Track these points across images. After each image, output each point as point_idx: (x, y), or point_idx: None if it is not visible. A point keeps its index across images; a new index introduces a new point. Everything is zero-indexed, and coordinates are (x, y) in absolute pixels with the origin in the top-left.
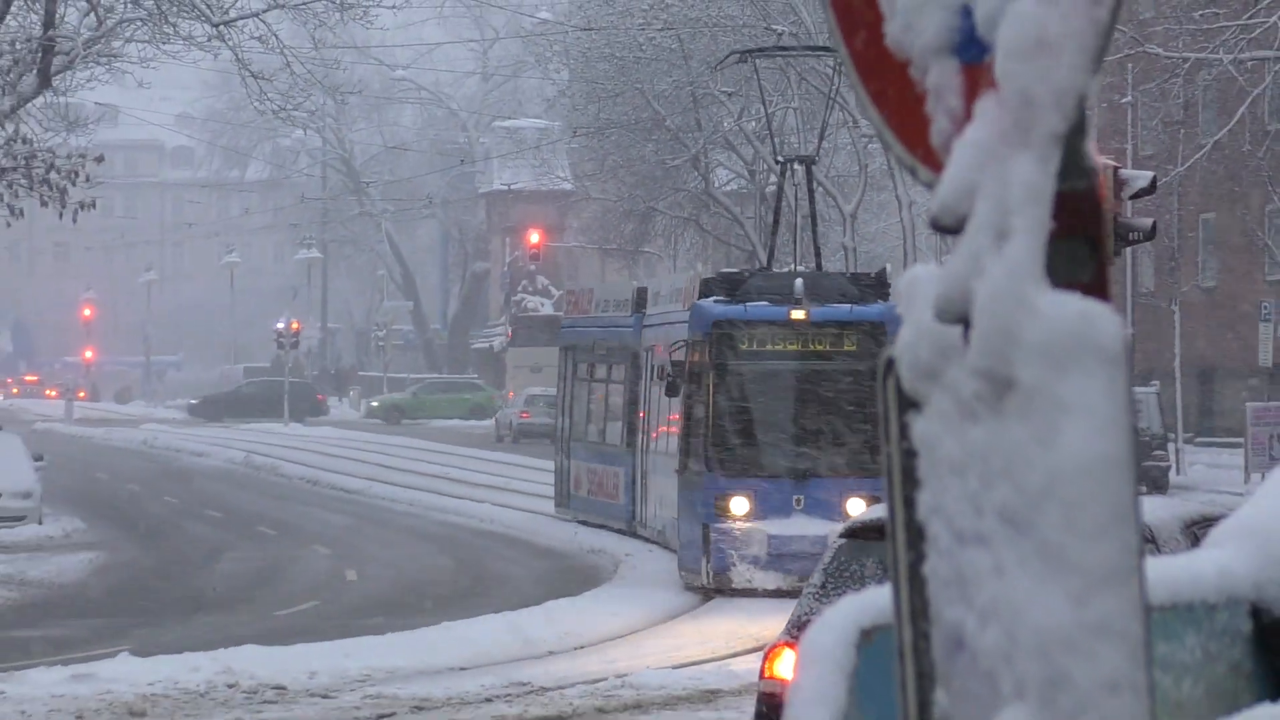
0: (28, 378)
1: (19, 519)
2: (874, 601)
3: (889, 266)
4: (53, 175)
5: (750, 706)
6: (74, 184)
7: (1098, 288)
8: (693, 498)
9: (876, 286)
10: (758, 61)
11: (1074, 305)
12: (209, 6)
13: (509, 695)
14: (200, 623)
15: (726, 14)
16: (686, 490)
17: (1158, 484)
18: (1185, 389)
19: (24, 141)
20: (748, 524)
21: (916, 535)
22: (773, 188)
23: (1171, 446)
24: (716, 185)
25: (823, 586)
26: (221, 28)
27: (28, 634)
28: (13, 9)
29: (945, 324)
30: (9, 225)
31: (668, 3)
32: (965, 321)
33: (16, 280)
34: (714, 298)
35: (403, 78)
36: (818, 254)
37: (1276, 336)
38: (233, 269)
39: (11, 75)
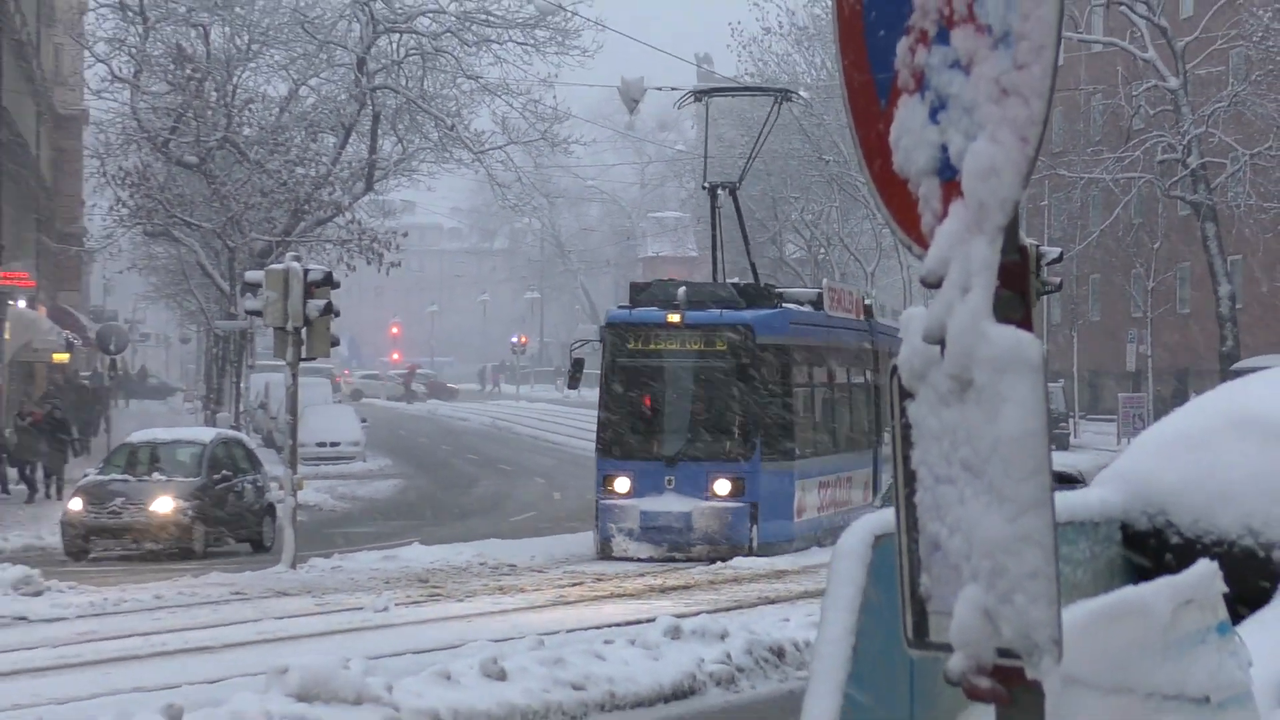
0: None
1: (351, 458)
2: (882, 518)
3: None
4: (374, 245)
5: (808, 581)
6: (387, 250)
7: (1026, 323)
8: (595, 478)
9: (760, 297)
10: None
11: (1011, 333)
12: (471, 142)
13: (656, 571)
14: (463, 525)
15: (792, 146)
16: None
17: (1062, 445)
18: (1080, 385)
19: (357, 223)
20: (626, 500)
21: (910, 477)
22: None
23: (1071, 421)
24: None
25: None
26: (479, 155)
27: (357, 530)
28: (349, 141)
29: (930, 344)
30: (346, 276)
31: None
32: (942, 343)
33: (350, 310)
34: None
35: (591, 185)
36: (753, 269)
37: (1138, 353)
38: (485, 305)
39: (349, 183)
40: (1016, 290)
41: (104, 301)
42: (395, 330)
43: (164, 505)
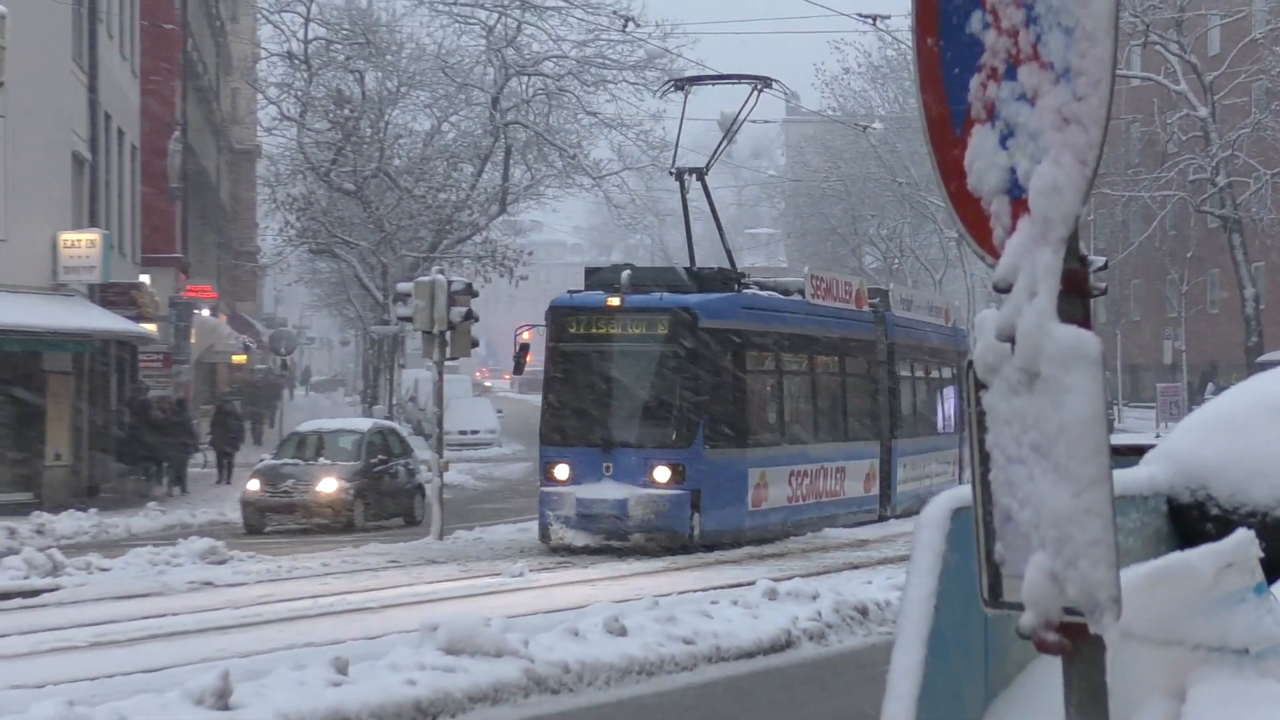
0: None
1: (489, 444)
2: (960, 494)
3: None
4: (506, 260)
5: (887, 550)
6: (517, 265)
7: (1085, 322)
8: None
9: (716, 281)
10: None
11: (1073, 332)
12: (590, 169)
13: (758, 542)
14: None
15: (869, 170)
16: None
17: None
18: (1122, 376)
19: (491, 241)
20: (564, 488)
21: (985, 457)
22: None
23: (1115, 408)
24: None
25: None
26: (598, 180)
27: (495, 506)
28: (485, 170)
29: (1001, 341)
30: (483, 287)
31: (838, 166)
32: (1012, 340)
33: (486, 316)
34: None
35: (694, 204)
36: (728, 254)
37: (1174, 348)
38: None
39: (485, 206)
40: (1077, 294)
41: (275, 310)
42: (526, 334)
43: (329, 486)
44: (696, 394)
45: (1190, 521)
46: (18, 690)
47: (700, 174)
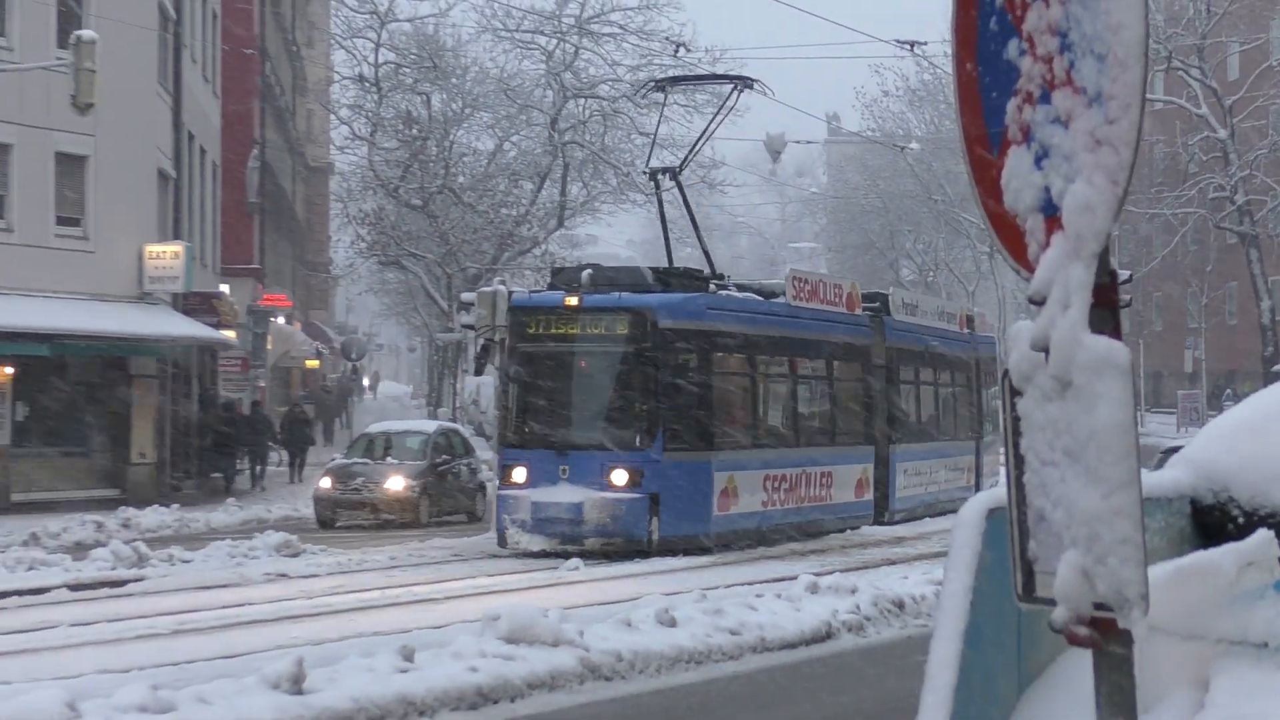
0: None
1: None
2: (995, 494)
3: (861, 286)
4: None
5: (920, 546)
6: None
7: (1115, 333)
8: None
9: (683, 280)
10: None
11: (1104, 342)
12: (643, 186)
13: (798, 538)
14: None
15: (906, 188)
16: None
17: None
18: (1145, 383)
19: (550, 254)
20: (521, 491)
21: (1019, 460)
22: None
23: (1138, 414)
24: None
25: None
26: (650, 196)
27: None
28: (544, 187)
29: (1036, 351)
30: None
31: (877, 183)
32: (1046, 350)
33: None
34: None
35: (740, 220)
36: (706, 255)
37: (1194, 357)
38: None
39: (544, 221)
40: (1107, 306)
41: (346, 318)
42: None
43: (396, 484)
44: (655, 396)
45: (1213, 522)
46: (106, 674)
47: (674, 174)
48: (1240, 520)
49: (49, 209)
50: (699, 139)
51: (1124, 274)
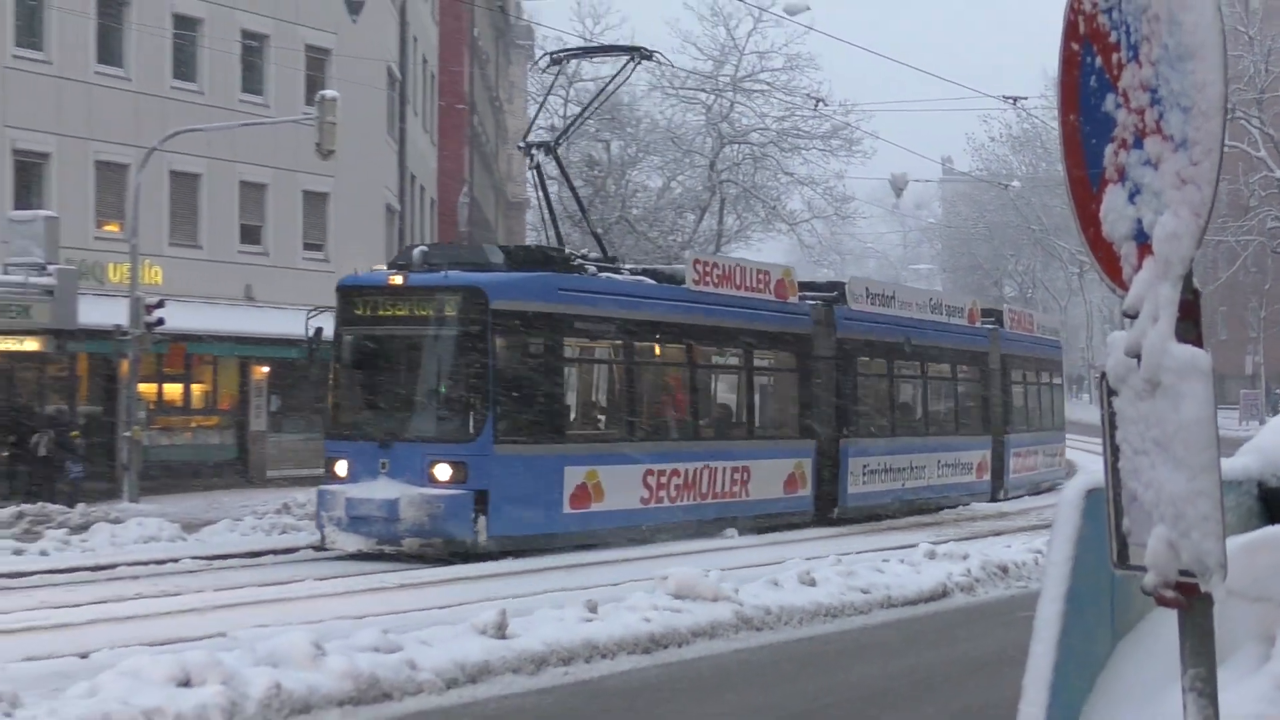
0: None
1: None
2: (1093, 478)
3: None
4: None
5: (1020, 520)
6: None
7: (1197, 341)
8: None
9: (530, 259)
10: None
11: (1188, 350)
12: (787, 217)
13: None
14: None
15: (1009, 219)
16: None
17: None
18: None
19: None
20: (339, 486)
21: (1115, 449)
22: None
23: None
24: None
25: None
26: (793, 226)
27: None
28: (703, 218)
29: (1130, 357)
30: None
31: (984, 215)
32: (1138, 356)
33: None
34: None
35: (869, 246)
36: (558, 235)
37: (1254, 362)
38: None
39: (704, 248)
40: (1190, 319)
41: None
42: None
43: None
44: (485, 383)
45: (1277, 502)
46: (343, 620)
47: (550, 148)
48: None
49: (298, 237)
50: (581, 112)
51: None
